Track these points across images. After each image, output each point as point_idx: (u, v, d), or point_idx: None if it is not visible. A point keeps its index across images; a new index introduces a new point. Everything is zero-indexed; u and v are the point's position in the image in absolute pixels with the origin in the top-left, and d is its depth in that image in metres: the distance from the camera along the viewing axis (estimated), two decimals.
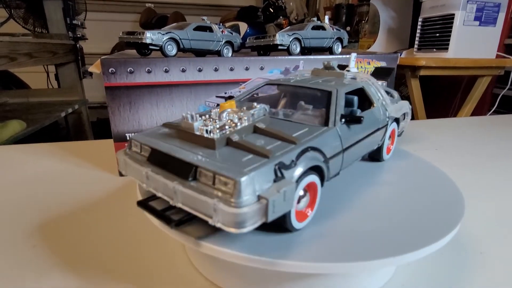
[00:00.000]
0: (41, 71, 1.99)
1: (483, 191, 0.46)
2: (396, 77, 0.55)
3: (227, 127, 0.24)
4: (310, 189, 0.24)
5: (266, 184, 0.20)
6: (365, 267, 0.21)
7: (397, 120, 0.38)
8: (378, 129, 0.33)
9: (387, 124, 0.34)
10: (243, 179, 0.19)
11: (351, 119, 0.28)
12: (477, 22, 1.13)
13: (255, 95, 0.36)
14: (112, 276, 0.28)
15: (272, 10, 1.71)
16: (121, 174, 0.50)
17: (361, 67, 0.52)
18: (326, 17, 0.59)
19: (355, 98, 0.32)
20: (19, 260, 0.31)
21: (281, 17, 1.72)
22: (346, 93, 0.31)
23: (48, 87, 2.02)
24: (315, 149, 0.24)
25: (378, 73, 0.43)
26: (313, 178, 0.24)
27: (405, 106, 0.38)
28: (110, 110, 0.46)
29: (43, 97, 1.66)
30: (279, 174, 0.21)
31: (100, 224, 0.37)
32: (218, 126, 0.24)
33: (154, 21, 2.38)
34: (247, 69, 0.49)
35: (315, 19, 0.57)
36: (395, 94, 0.39)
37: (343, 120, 0.28)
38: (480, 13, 1.11)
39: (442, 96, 1.60)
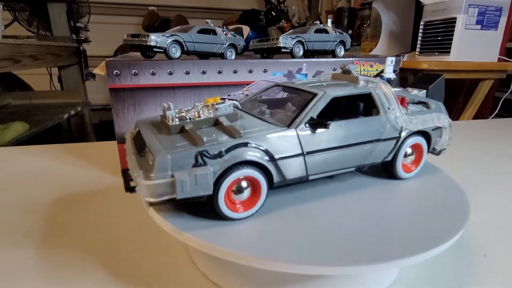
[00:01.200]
0: (44, 73, 2.00)
1: (487, 194, 0.45)
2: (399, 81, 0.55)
3: (189, 117, 0.27)
4: (252, 184, 0.26)
5: (185, 167, 0.23)
6: (368, 270, 0.21)
7: (426, 135, 0.33)
8: (378, 140, 0.30)
9: (398, 137, 0.31)
10: (160, 158, 0.22)
11: (315, 123, 0.27)
12: (479, 26, 1.13)
13: (258, 97, 0.36)
14: (114, 277, 0.29)
15: (274, 14, 1.72)
16: None
17: (364, 69, 0.52)
18: (329, 21, 0.59)
19: (361, 105, 0.32)
20: (18, 267, 0.31)
21: (283, 20, 1.72)
22: (353, 98, 0.31)
23: (51, 89, 2.03)
24: (257, 147, 0.25)
25: (422, 81, 0.38)
26: (250, 172, 0.25)
27: (438, 119, 0.33)
28: (114, 112, 0.46)
29: (46, 99, 1.67)
30: (200, 161, 0.23)
31: (103, 225, 0.37)
32: (183, 115, 0.27)
33: (157, 24, 2.40)
34: (250, 71, 0.49)
35: (318, 22, 0.57)
36: (434, 104, 0.35)
37: (306, 123, 0.27)
38: (482, 17, 1.12)
39: (444, 99, 1.60)
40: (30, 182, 0.49)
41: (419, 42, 1.27)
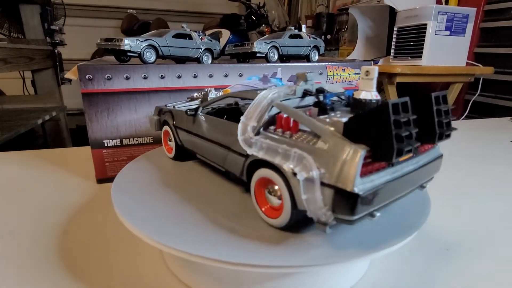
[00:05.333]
0: (16, 77, 1.93)
1: (450, 192, 0.48)
2: None
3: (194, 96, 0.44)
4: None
5: (157, 114, 0.42)
6: (335, 268, 0.22)
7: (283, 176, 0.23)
8: (228, 148, 0.28)
9: (245, 156, 0.26)
10: (155, 107, 0.43)
11: (190, 110, 0.34)
12: (448, 32, 1.19)
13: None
14: (87, 285, 0.28)
15: (254, 18, 1.74)
16: (98, 181, 0.49)
17: (337, 74, 0.54)
18: (303, 26, 0.61)
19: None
20: None
21: (263, 25, 1.75)
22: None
23: (24, 93, 1.95)
24: (171, 114, 0.39)
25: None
26: (167, 129, 0.40)
27: (297, 159, 0.21)
28: (87, 117, 0.45)
29: (18, 104, 1.60)
30: (159, 113, 0.42)
31: (77, 232, 0.36)
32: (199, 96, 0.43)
33: (136, 28, 2.37)
34: (226, 75, 0.49)
35: (292, 27, 0.58)
36: (331, 143, 0.20)
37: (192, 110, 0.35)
38: (450, 23, 1.18)
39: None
40: (0, 190, 0.47)
41: (393, 47, 1.32)
